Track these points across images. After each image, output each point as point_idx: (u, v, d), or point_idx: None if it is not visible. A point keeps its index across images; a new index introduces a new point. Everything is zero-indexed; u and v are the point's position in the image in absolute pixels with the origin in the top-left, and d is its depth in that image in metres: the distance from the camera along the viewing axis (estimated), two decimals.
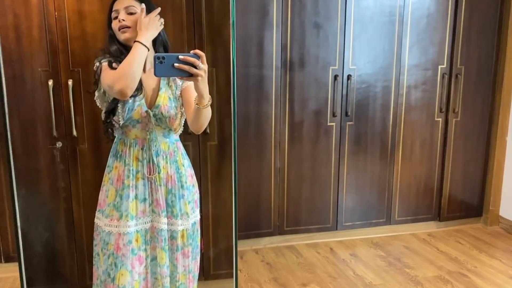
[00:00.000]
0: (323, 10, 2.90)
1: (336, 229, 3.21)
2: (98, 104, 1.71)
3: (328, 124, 3.05)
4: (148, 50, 1.54)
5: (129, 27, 1.60)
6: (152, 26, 1.55)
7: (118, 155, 1.69)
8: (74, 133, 2.13)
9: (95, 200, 1.75)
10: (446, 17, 3.11)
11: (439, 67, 3.17)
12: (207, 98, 1.50)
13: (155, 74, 1.37)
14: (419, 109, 3.20)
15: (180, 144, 1.77)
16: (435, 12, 3.09)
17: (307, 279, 2.67)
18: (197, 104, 1.50)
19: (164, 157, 1.69)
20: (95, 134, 2.17)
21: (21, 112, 2.08)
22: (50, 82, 2.07)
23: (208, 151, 2.33)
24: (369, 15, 2.98)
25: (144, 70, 1.64)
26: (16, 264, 2.18)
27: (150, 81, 1.67)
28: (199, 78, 1.39)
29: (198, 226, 1.80)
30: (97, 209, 1.72)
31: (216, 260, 2.43)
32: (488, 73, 3.27)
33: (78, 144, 2.16)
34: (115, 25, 1.62)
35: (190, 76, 1.38)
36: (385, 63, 3.07)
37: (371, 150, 3.17)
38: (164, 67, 1.35)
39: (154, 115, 1.63)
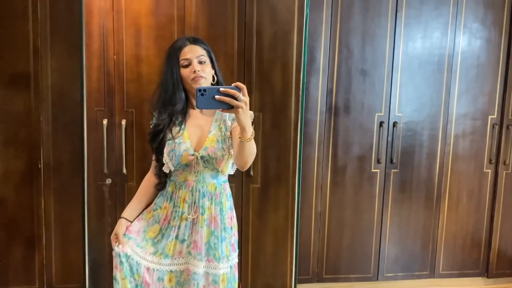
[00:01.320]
0: (370, 57, 2.92)
1: (377, 280, 3.10)
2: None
3: (372, 170, 3.00)
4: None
5: (203, 77, 1.66)
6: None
7: (169, 196, 1.74)
8: (124, 170, 2.20)
9: None
10: (497, 66, 3.05)
11: (489, 117, 3.09)
12: (249, 131, 1.46)
13: (196, 106, 1.41)
14: (467, 159, 3.10)
15: (227, 186, 1.79)
16: (486, 61, 3.04)
17: None
18: (240, 137, 1.49)
19: (210, 198, 1.71)
20: (144, 172, 2.24)
21: (75, 148, 2.18)
22: (105, 121, 2.17)
23: (251, 193, 2.35)
24: (417, 62, 2.97)
25: (193, 107, 1.74)
26: None
27: (201, 122, 1.73)
28: (240, 110, 1.38)
29: (235, 270, 1.79)
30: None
31: None
32: None
33: (127, 181, 2.23)
34: (186, 73, 1.66)
35: (231, 108, 1.38)
36: (432, 111, 3.02)
37: (416, 199, 3.08)
38: (205, 100, 1.37)
39: (202, 157, 1.67)
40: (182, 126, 1.71)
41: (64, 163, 2.26)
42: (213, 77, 1.72)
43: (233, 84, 1.38)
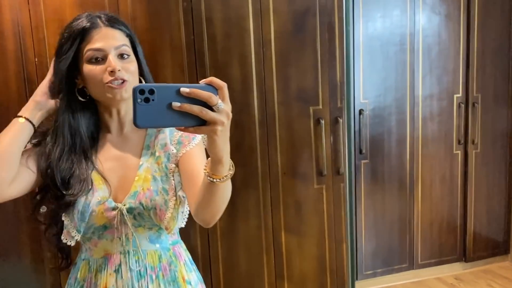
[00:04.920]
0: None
1: (356, 279, 2.90)
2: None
3: None
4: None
5: (126, 81, 1.03)
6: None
7: (79, 287, 1.10)
8: None
9: None
10: (458, 42, 2.92)
11: (455, 96, 2.96)
12: (227, 164, 0.85)
13: (135, 123, 0.73)
14: (436, 142, 2.96)
15: (180, 248, 1.18)
16: (447, 38, 2.90)
17: None
18: (210, 175, 0.86)
19: (154, 277, 1.09)
20: None
21: None
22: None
23: None
24: (378, 44, 2.77)
25: (108, 130, 1.13)
26: None
27: (123, 150, 1.12)
28: (219, 127, 0.76)
29: None
30: None
31: None
32: (505, 98, 3.07)
33: None
34: (96, 74, 1.03)
35: (201, 124, 0.76)
36: (398, 94, 2.85)
37: (389, 189, 2.90)
38: (152, 110, 0.73)
39: (130, 211, 1.05)
40: (90, 162, 1.08)
41: None
42: (140, 79, 1.11)
43: (203, 81, 0.77)
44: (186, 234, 1.40)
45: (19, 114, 1.02)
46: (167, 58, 1.89)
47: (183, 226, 1.16)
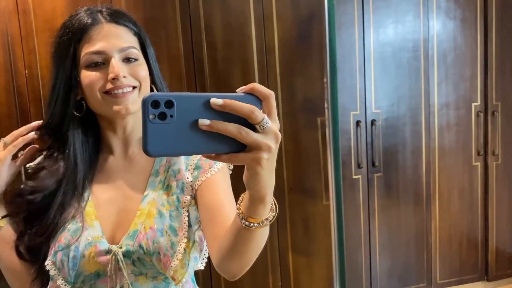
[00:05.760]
0: (338, 49, 2.55)
1: None
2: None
3: (354, 177, 2.64)
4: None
5: (134, 87, 0.87)
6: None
7: None
8: None
9: None
10: (475, 47, 2.77)
11: (473, 104, 2.80)
12: (269, 203, 0.64)
13: (145, 150, 0.52)
14: (454, 153, 2.80)
15: None
16: (463, 43, 2.75)
17: None
18: (246, 219, 0.65)
19: None
20: None
21: None
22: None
23: None
24: (390, 51, 2.63)
25: (110, 151, 0.96)
26: None
27: (125, 177, 0.93)
28: (264, 155, 0.55)
29: None
30: None
31: None
32: None
33: None
34: (94, 81, 0.85)
35: (239, 150, 0.56)
36: (412, 103, 2.70)
37: (404, 204, 2.75)
38: (170, 131, 0.52)
39: (127, 255, 0.86)
40: (85, 192, 0.91)
41: None
42: (151, 87, 0.93)
43: (241, 89, 0.57)
44: None
45: None
46: (164, 67, 1.79)
47: (202, 267, 0.94)
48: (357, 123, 2.62)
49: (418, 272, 2.81)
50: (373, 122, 2.64)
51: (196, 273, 1.38)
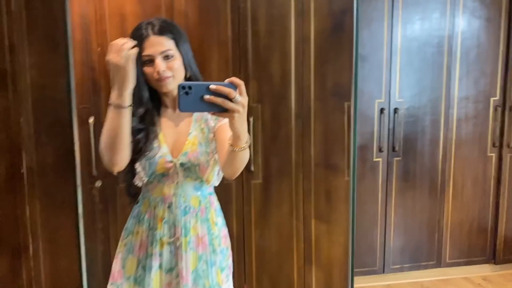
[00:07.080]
0: (368, 42, 2.79)
1: (383, 272, 2.99)
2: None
3: (374, 159, 2.88)
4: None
5: (169, 77, 1.34)
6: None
7: (141, 218, 1.44)
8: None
9: None
10: (497, 46, 2.95)
11: (492, 99, 2.99)
12: (244, 139, 1.17)
13: (179, 108, 1.06)
14: (470, 143, 3.00)
15: (214, 198, 1.51)
16: (486, 42, 2.93)
17: None
18: (231, 145, 1.19)
19: (194, 215, 1.43)
20: None
21: (61, 150, 2.01)
22: (91, 120, 2.01)
23: (252, 190, 2.21)
24: (416, 45, 2.85)
25: (166, 107, 1.46)
26: None
27: (178, 122, 1.45)
28: (236, 114, 1.07)
29: None
30: (110, 282, 1.45)
31: None
32: None
33: (118, 184, 2.07)
34: (150, 72, 1.34)
35: (224, 111, 1.07)
36: (433, 95, 2.91)
37: (420, 188, 2.98)
38: (190, 100, 1.06)
39: (182, 165, 1.39)
40: (156, 128, 1.41)
41: (49, 167, 2.08)
42: (185, 74, 1.40)
43: (226, 80, 1.07)
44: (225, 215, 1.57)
45: (119, 102, 1.21)
46: (214, 52, 2.07)
47: (217, 184, 1.50)
48: (381, 110, 2.85)
49: (428, 251, 3.04)
50: (396, 110, 2.86)
51: (231, 235, 1.66)
